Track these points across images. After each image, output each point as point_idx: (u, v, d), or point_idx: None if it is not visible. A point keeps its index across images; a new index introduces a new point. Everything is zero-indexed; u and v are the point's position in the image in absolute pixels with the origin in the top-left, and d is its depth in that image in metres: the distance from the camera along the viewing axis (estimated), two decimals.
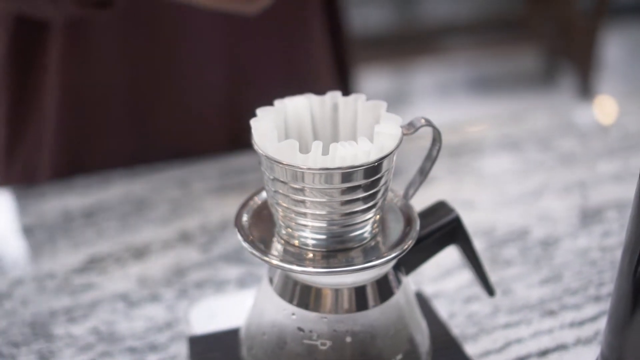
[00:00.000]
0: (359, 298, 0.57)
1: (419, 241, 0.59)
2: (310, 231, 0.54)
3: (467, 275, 0.76)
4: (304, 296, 0.57)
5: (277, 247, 0.56)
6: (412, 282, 0.74)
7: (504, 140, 0.99)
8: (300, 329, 0.57)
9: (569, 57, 3.03)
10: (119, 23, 0.86)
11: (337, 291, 0.57)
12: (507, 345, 0.69)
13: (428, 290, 0.74)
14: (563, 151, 0.97)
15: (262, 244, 0.56)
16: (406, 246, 0.56)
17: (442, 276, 0.76)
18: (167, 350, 0.68)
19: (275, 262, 0.54)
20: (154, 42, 0.88)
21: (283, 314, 0.58)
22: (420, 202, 0.62)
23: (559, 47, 3.06)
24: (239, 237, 0.56)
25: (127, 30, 0.87)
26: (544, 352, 0.68)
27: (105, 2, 0.80)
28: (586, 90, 2.90)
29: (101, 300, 0.73)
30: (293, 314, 0.57)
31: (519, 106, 2.78)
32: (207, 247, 0.80)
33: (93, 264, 0.78)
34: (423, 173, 0.59)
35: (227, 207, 0.86)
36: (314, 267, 0.54)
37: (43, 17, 0.84)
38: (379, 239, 0.57)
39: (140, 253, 0.79)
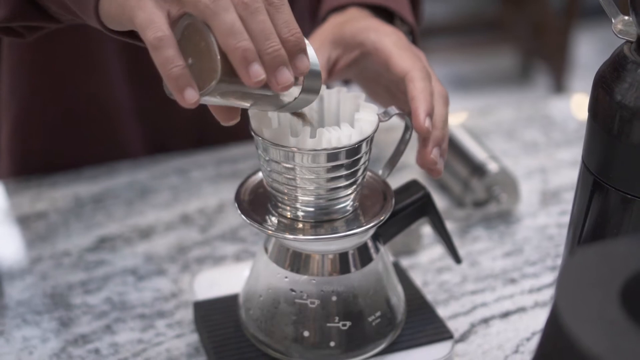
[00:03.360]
0: (343, 263, 0.66)
1: (394, 214, 0.69)
2: (300, 205, 0.63)
3: (439, 250, 0.85)
4: (295, 261, 0.66)
5: (271, 219, 0.65)
6: (391, 253, 0.83)
7: (473, 131, 1.08)
8: (292, 290, 0.66)
9: (543, 57, 3.13)
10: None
11: (324, 257, 0.66)
12: (473, 308, 0.78)
13: (405, 262, 0.83)
14: (526, 141, 1.07)
15: (259, 217, 0.65)
16: (383, 217, 0.65)
17: (417, 250, 0.85)
18: (173, 317, 0.76)
19: (270, 231, 0.63)
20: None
21: (277, 277, 0.67)
22: (398, 183, 0.71)
23: (533, 47, 3.15)
24: (239, 211, 0.65)
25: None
26: (506, 314, 0.77)
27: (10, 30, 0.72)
28: (560, 88, 3.00)
29: (113, 274, 0.82)
30: (286, 277, 0.67)
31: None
32: (205, 228, 0.89)
33: (104, 243, 0.86)
34: (397, 154, 0.69)
35: (222, 193, 0.94)
36: (304, 235, 0.63)
37: None
38: (359, 211, 0.66)
39: (146, 234, 0.88)
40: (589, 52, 3.24)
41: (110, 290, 0.80)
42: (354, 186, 0.64)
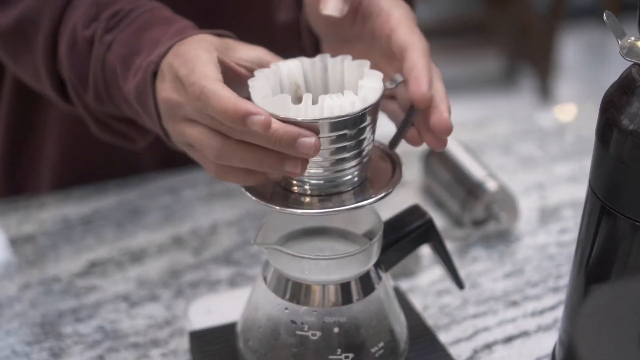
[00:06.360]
0: (345, 293, 0.64)
1: (396, 242, 0.67)
2: (306, 178, 0.61)
3: (438, 271, 0.83)
4: (295, 292, 0.64)
5: (278, 197, 0.62)
6: (390, 277, 0.81)
7: (469, 145, 1.06)
8: (292, 322, 0.64)
9: (528, 60, 3.12)
10: None
11: (324, 287, 0.64)
12: (475, 333, 0.76)
13: (404, 285, 0.81)
14: (522, 155, 1.05)
15: (265, 194, 0.62)
16: (392, 189, 0.61)
17: (416, 272, 0.83)
18: (167, 345, 0.74)
19: (278, 207, 0.60)
20: None
21: (277, 308, 0.65)
22: (396, 203, 0.69)
23: (518, 50, 3.15)
24: (243, 190, 0.62)
25: None
26: (509, 339, 0.75)
27: None
28: (545, 91, 2.99)
29: (104, 301, 0.79)
30: (286, 308, 0.64)
31: (481, 108, 2.87)
32: (198, 251, 0.87)
33: (94, 268, 0.84)
34: (407, 123, 0.64)
35: (215, 213, 0.92)
36: (312, 209, 0.60)
37: None
38: (367, 183, 0.63)
39: (137, 257, 0.86)
40: (575, 54, 3.24)
41: (102, 318, 0.77)
42: (361, 156, 0.61)
